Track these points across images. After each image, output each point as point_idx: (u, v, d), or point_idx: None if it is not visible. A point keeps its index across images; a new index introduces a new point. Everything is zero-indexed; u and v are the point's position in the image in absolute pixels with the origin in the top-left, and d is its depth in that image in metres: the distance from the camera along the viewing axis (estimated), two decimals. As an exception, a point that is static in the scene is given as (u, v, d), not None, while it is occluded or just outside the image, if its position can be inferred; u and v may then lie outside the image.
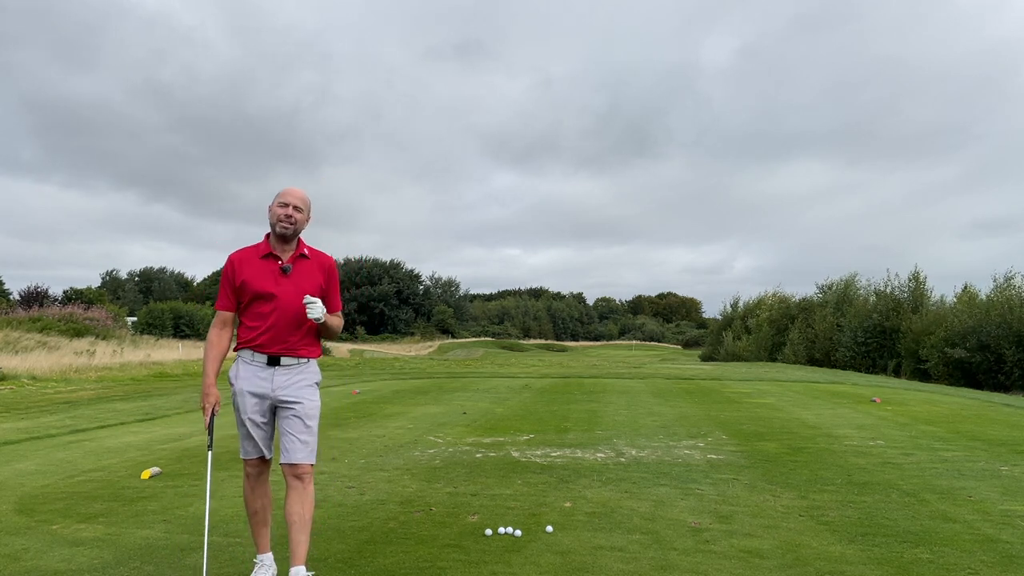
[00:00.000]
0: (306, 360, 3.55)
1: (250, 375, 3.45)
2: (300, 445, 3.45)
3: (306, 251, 3.57)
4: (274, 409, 3.51)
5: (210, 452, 3.52)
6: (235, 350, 3.56)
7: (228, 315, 3.55)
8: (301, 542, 3.41)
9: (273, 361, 3.45)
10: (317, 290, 3.51)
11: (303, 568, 3.39)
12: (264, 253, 3.49)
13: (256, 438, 3.48)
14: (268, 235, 3.54)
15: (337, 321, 3.61)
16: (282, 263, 3.48)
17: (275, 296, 3.43)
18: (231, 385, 3.49)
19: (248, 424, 3.45)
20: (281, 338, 3.45)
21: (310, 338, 3.56)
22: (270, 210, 3.48)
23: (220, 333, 3.54)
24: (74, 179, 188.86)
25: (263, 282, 3.44)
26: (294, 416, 3.46)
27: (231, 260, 3.49)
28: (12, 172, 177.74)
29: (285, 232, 3.44)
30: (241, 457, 3.53)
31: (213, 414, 3.45)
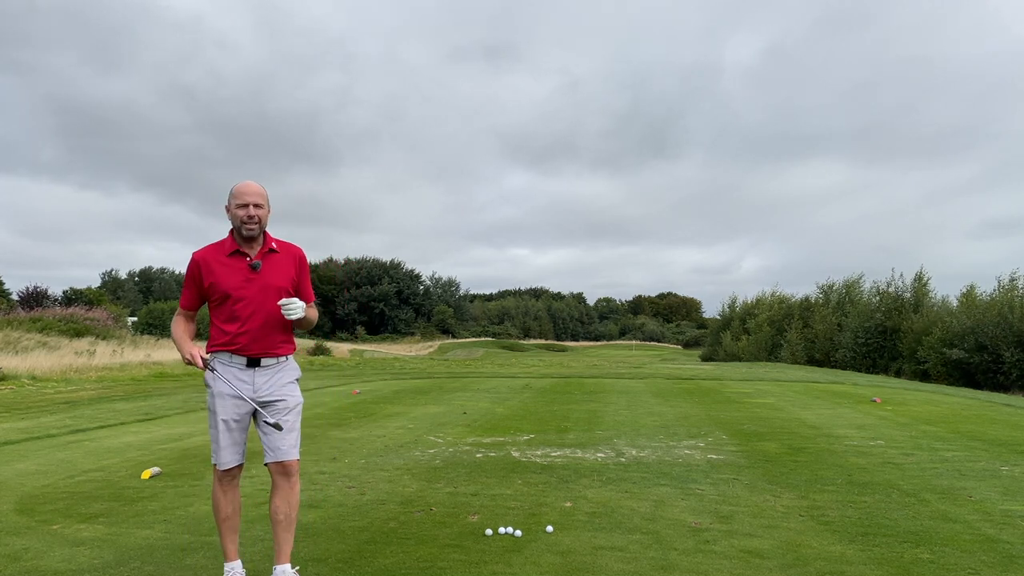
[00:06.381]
0: (285, 358, 3.47)
1: (229, 377, 3.35)
2: (285, 441, 3.37)
3: (274, 245, 3.44)
4: (253, 412, 3.41)
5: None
6: (208, 351, 3.43)
7: (191, 313, 3.51)
8: (286, 540, 3.37)
9: (253, 363, 3.36)
10: (289, 283, 3.42)
11: (288, 566, 3.37)
12: (231, 251, 3.35)
13: (232, 443, 3.37)
14: (232, 231, 3.40)
15: (313, 313, 3.51)
16: (251, 260, 3.35)
17: (248, 296, 3.31)
18: (208, 387, 3.40)
19: (222, 427, 3.34)
20: (259, 338, 3.35)
21: (287, 334, 3.48)
22: (228, 211, 3.35)
23: (186, 323, 3.49)
24: (93, 180, 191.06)
25: (234, 282, 3.31)
26: (278, 413, 3.38)
27: (195, 260, 3.35)
28: (31, 172, 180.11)
29: (252, 233, 3.32)
30: (214, 463, 3.40)
31: (205, 363, 3.29)
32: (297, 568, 3.53)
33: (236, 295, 3.31)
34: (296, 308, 3.30)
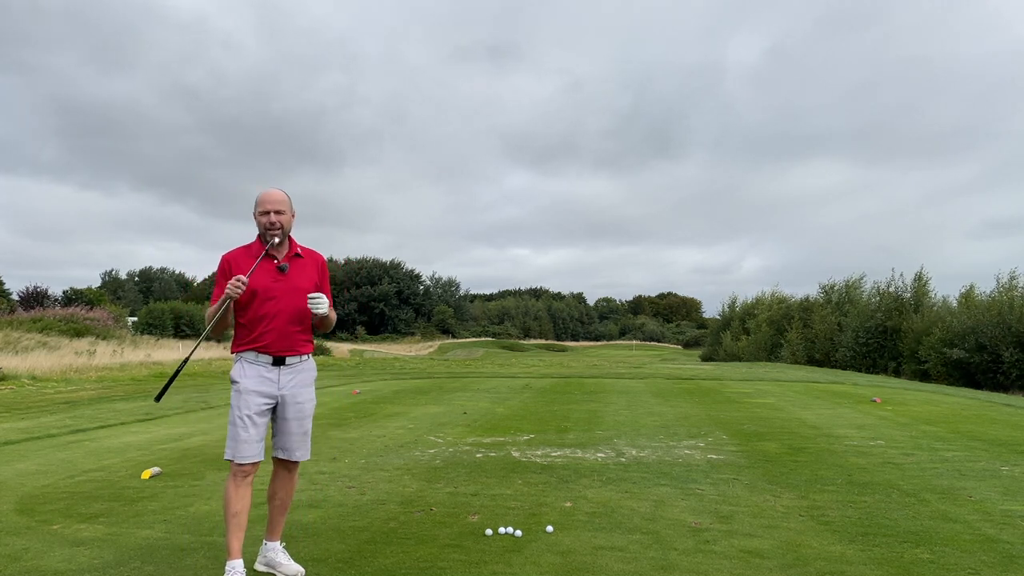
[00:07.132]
0: (306, 357, 3.68)
1: (256, 375, 3.51)
2: (302, 443, 3.66)
3: (299, 250, 3.65)
4: (272, 409, 3.58)
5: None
6: (234, 351, 3.59)
7: None
8: (280, 520, 3.71)
9: (279, 361, 3.54)
10: (313, 286, 3.62)
11: (278, 543, 3.69)
12: (258, 254, 3.53)
13: (255, 439, 3.46)
14: (260, 236, 3.59)
15: (333, 315, 3.72)
16: (279, 262, 3.54)
17: (276, 296, 3.49)
18: (235, 383, 3.51)
19: (248, 423, 3.44)
20: (284, 337, 3.53)
21: (308, 334, 3.69)
22: (255, 218, 3.55)
23: None
24: (93, 180, 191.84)
25: (263, 282, 3.48)
26: (297, 416, 3.61)
27: (226, 260, 3.55)
28: (32, 172, 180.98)
29: (276, 239, 3.51)
30: (232, 458, 3.44)
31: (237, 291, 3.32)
32: (284, 544, 3.78)
33: (265, 295, 3.48)
34: (323, 303, 3.51)
